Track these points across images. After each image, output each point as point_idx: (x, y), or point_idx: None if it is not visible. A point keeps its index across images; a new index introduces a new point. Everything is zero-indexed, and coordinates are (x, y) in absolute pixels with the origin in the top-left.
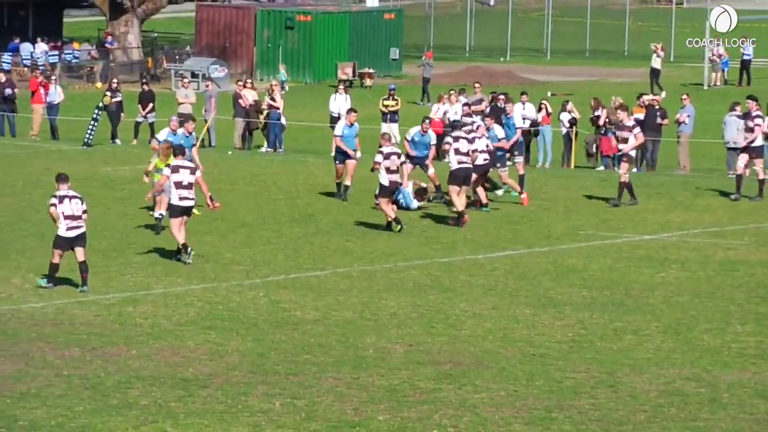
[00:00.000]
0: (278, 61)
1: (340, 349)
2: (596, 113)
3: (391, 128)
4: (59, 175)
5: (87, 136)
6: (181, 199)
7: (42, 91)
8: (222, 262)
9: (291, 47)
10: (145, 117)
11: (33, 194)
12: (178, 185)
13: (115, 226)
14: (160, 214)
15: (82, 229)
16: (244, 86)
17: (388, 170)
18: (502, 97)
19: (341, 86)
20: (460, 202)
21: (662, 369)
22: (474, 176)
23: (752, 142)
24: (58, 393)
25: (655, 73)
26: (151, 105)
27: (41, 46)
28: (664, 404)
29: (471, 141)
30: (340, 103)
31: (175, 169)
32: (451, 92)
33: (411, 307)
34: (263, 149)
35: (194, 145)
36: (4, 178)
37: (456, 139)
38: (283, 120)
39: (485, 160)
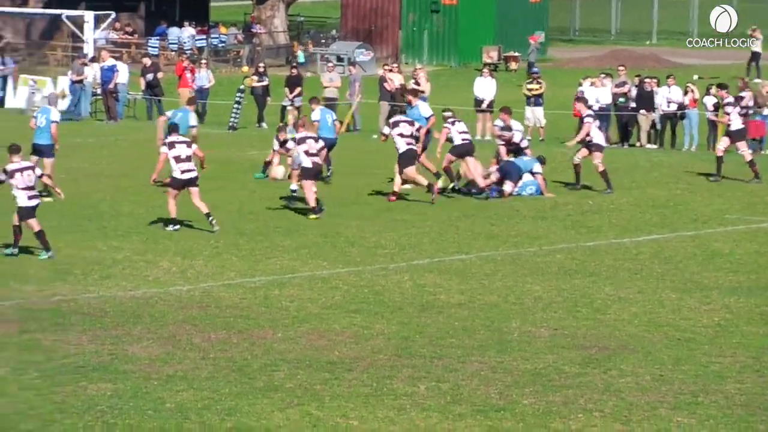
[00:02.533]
0: (423, 44)
1: (485, 333)
2: (741, 94)
3: (535, 112)
4: (11, 146)
5: (232, 119)
6: (183, 172)
7: (188, 75)
8: (367, 245)
9: (436, 30)
10: (291, 101)
11: None
12: (178, 159)
13: (261, 210)
14: (293, 190)
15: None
16: (390, 70)
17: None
18: (648, 80)
19: (486, 70)
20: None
21: None
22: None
23: None
24: (205, 375)
25: (755, 58)
26: (298, 89)
27: (188, 31)
28: None
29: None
30: (485, 86)
31: (172, 145)
32: (601, 75)
33: (556, 291)
34: None
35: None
36: (151, 164)
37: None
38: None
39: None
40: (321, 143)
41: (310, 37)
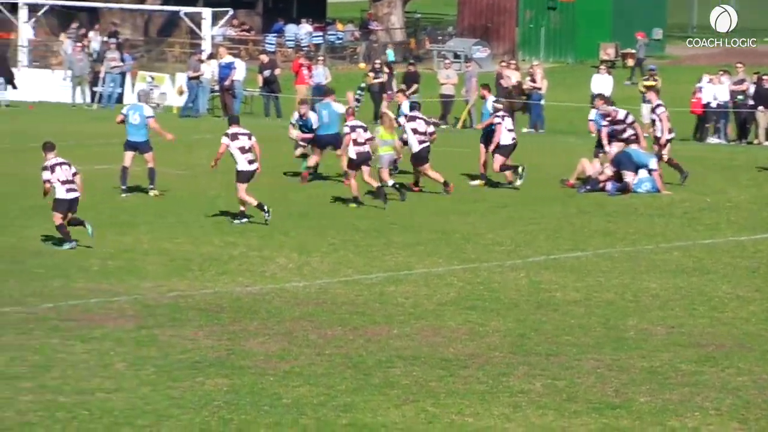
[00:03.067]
0: (540, 41)
1: (601, 331)
2: None
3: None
4: (46, 144)
5: None
6: (249, 162)
7: (305, 72)
8: (482, 242)
9: (553, 27)
10: (408, 98)
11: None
12: (242, 150)
13: (377, 208)
14: (394, 186)
15: (77, 193)
16: (507, 67)
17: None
18: (766, 77)
19: (603, 66)
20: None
21: None
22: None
23: None
24: (321, 372)
25: None
26: (415, 86)
27: (305, 27)
28: None
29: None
30: (601, 83)
31: (234, 137)
32: (720, 72)
33: (673, 288)
34: (525, 130)
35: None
36: (267, 160)
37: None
38: (542, 101)
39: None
40: (369, 133)
41: (426, 33)
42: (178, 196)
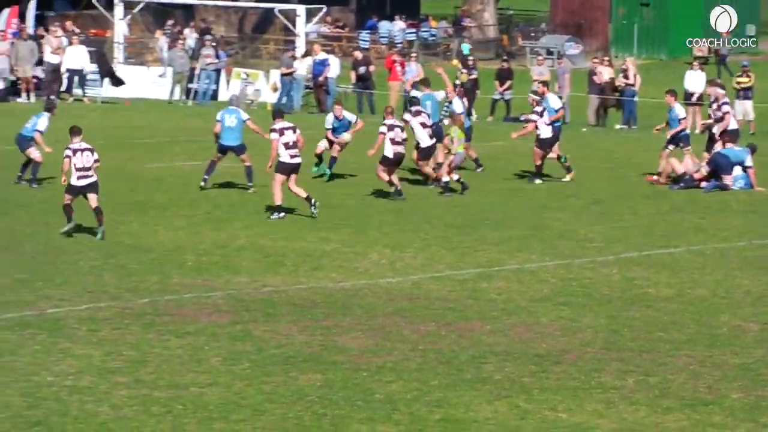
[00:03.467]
0: (633, 38)
1: (694, 327)
2: None
3: (744, 105)
4: (72, 128)
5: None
6: (292, 157)
7: (398, 68)
8: (575, 239)
9: (646, 24)
10: (501, 94)
11: None
12: (287, 146)
13: (470, 202)
14: (451, 180)
15: (93, 179)
16: (600, 63)
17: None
18: None
19: (696, 63)
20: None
21: None
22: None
23: None
24: (414, 367)
25: None
26: (509, 82)
27: (399, 24)
28: None
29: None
30: (695, 79)
31: (281, 132)
32: None
33: (765, 285)
34: (618, 126)
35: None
36: (361, 158)
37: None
38: (636, 97)
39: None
40: (405, 134)
41: (519, 30)
42: (267, 194)
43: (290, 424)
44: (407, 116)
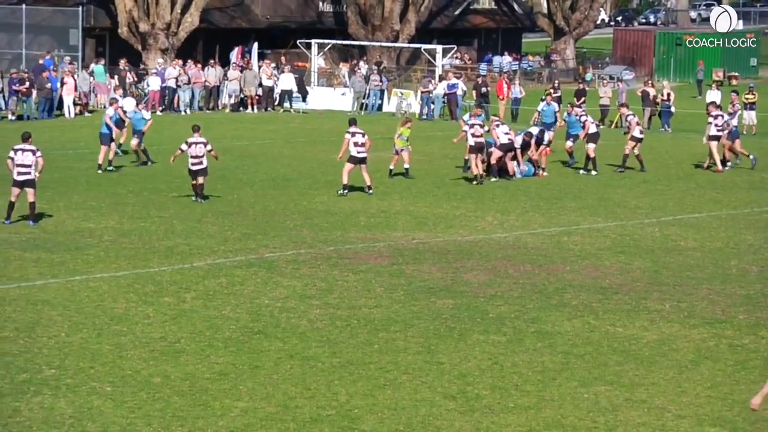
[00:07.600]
0: (671, 67)
1: (712, 269)
2: None
3: (750, 115)
4: (193, 126)
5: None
6: (358, 152)
7: (505, 89)
8: (629, 207)
9: (679, 58)
10: (579, 107)
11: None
12: (356, 144)
13: (555, 182)
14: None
15: (203, 165)
16: (648, 84)
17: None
18: None
19: (714, 85)
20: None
21: None
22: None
23: None
24: (516, 295)
25: None
26: (583, 98)
27: (506, 58)
28: None
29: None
30: (713, 96)
31: (353, 134)
32: None
33: (763, 239)
34: (660, 129)
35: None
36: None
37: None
38: (672, 108)
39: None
40: (485, 128)
41: (590, 62)
42: (418, 176)
43: (431, 335)
44: (465, 126)
